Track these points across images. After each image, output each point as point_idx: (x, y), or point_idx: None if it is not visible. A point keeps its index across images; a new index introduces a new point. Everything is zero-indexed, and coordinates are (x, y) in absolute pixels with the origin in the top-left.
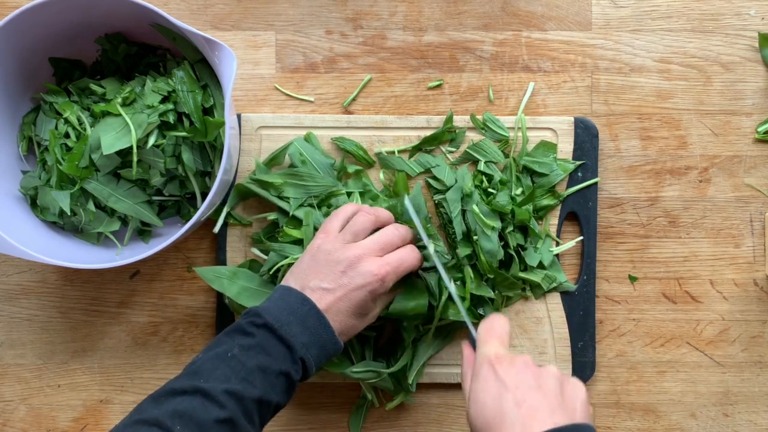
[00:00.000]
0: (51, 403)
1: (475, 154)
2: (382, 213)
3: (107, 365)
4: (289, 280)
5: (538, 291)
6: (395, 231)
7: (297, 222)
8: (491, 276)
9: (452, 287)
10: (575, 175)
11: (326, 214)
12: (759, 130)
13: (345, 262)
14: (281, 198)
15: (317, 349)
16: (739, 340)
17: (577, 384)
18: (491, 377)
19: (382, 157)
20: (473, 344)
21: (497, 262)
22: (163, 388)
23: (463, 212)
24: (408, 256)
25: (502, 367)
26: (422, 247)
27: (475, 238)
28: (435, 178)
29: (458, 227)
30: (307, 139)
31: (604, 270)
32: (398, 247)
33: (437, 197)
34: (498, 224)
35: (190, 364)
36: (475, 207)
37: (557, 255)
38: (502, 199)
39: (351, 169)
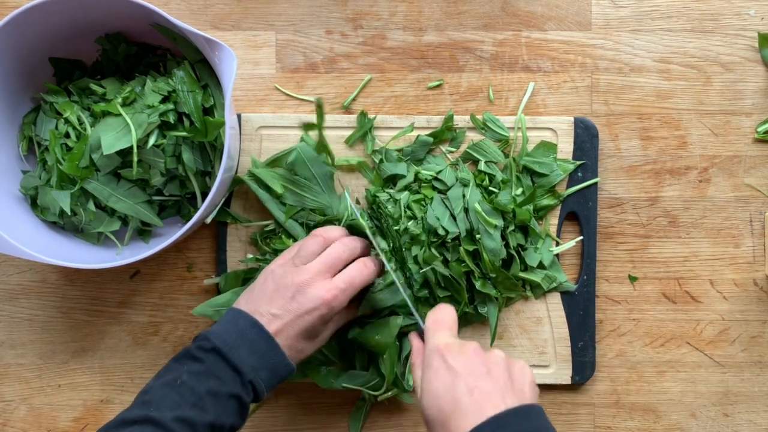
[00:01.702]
0: (51, 403)
1: (475, 154)
2: (331, 232)
3: (107, 365)
4: (241, 303)
5: (538, 291)
6: (341, 247)
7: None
8: (494, 275)
9: (395, 277)
10: (575, 175)
11: (317, 225)
12: (759, 130)
13: (293, 287)
14: (279, 199)
15: (267, 372)
16: (739, 340)
17: (523, 366)
18: (442, 366)
19: (379, 155)
20: (421, 335)
21: (500, 260)
22: (114, 419)
23: (465, 211)
24: (359, 274)
25: (451, 356)
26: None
27: (478, 237)
28: (436, 178)
29: (461, 225)
30: (304, 139)
31: (604, 270)
32: (349, 262)
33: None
34: (500, 223)
35: (140, 393)
36: (477, 205)
37: (557, 255)
38: (504, 198)
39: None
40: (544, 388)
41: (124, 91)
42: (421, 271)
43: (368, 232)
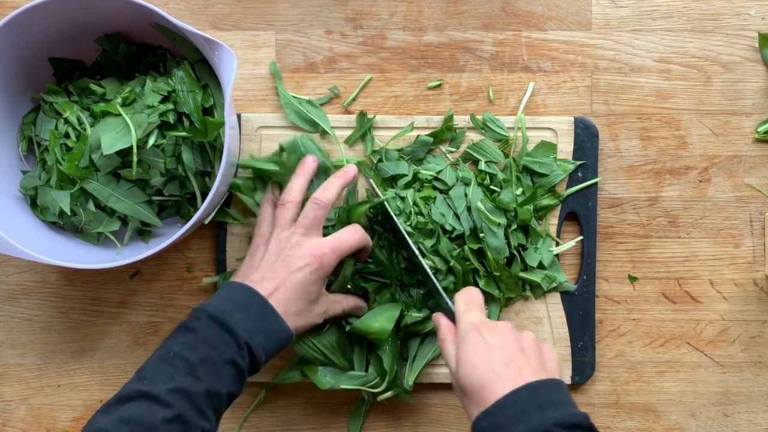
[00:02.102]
0: (51, 403)
1: (476, 154)
2: (293, 192)
3: (107, 365)
4: (234, 278)
5: (538, 291)
6: (313, 206)
7: None
8: (497, 273)
9: (423, 262)
10: (575, 175)
11: None
12: (759, 130)
13: (282, 250)
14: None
15: (264, 336)
16: (739, 340)
17: (551, 348)
18: (479, 340)
19: (378, 157)
20: (449, 315)
21: (504, 259)
22: (110, 398)
23: (468, 210)
24: (349, 236)
25: (488, 332)
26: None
27: (481, 235)
28: (437, 178)
29: (465, 223)
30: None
31: (604, 270)
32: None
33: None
34: (503, 221)
35: (137, 371)
36: (480, 204)
37: (557, 255)
38: (506, 196)
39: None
40: None
41: (124, 91)
42: (451, 258)
43: (370, 178)
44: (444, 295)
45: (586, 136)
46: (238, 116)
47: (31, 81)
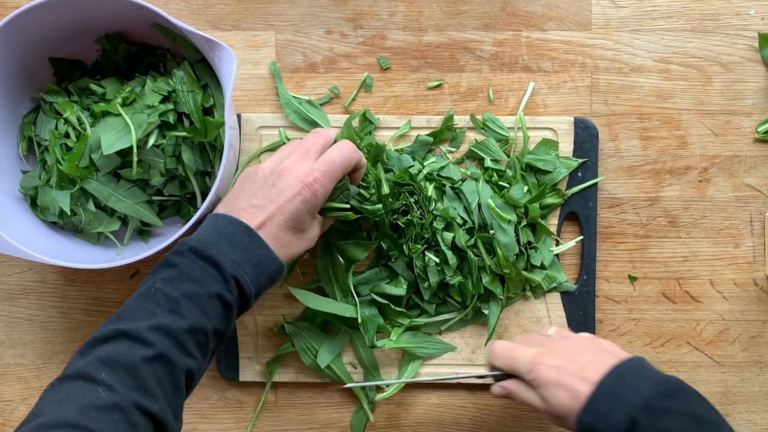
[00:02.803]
0: None
1: (480, 152)
2: (315, 134)
3: None
4: (220, 207)
5: (538, 291)
6: (314, 134)
7: None
8: (507, 271)
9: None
10: (575, 175)
11: None
12: (759, 130)
13: (273, 176)
14: None
15: (252, 267)
16: (739, 340)
17: (607, 341)
18: (546, 369)
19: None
20: (497, 378)
21: (514, 256)
22: (89, 339)
23: (477, 206)
24: (339, 153)
25: (546, 358)
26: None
27: (491, 232)
28: (440, 175)
29: (477, 218)
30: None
31: (604, 270)
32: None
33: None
34: (514, 217)
35: (117, 311)
36: (490, 200)
37: (557, 255)
38: (516, 192)
39: None
40: None
41: (124, 91)
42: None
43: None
44: (480, 375)
45: (586, 136)
46: (238, 116)
47: (31, 81)
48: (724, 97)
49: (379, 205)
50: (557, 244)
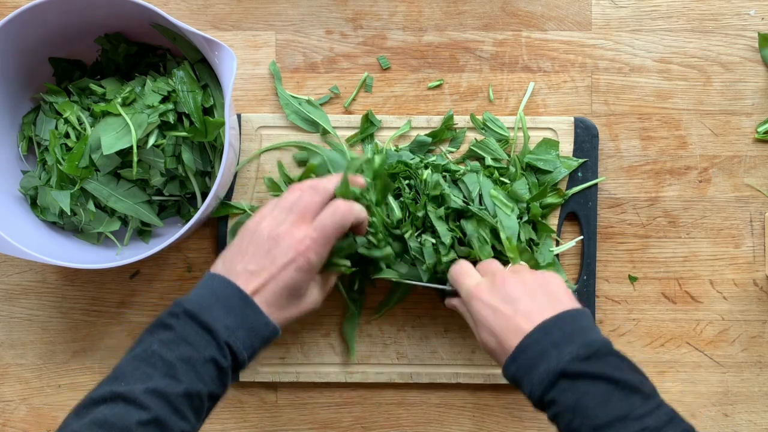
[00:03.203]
0: (51, 403)
1: (480, 151)
2: (309, 189)
3: (107, 365)
4: (218, 266)
5: None
6: (310, 192)
7: None
8: (512, 255)
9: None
10: (575, 175)
11: None
12: (759, 130)
13: (268, 241)
14: None
15: (245, 332)
16: (739, 340)
17: (555, 276)
18: (481, 305)
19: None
20: (451, 293)
21: (517, 239)
22: (83, 399)
23: (479, 198)
24: (330, 217)
25: (485, 293)
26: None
27: (495, 219)
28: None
29: (477, 207)
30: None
31: (604, 270)
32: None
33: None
34: (516, 210)
35: (112, 370)
36: (493, 191)
37: (557, 255)
38: (519, 187)
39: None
40: None
41: (124, 91)
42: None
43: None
44: (430, 285)
45: (586, 136)
46: (238, 116)
47: (31, 81)
48: (724, 97)
49: (388, 249)
50: (557, 244)
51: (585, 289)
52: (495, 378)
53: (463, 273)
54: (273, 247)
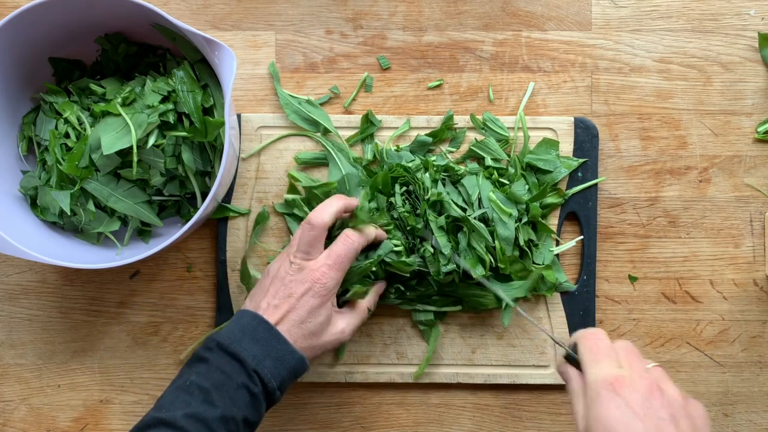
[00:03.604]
0: (51, 403)
1: (480, 151)
2: (322, 213)
3: (107, 365)
4: (246, 304)
5: (542, 288)
6: (307, 228)
7: None
8: (502, 266)
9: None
10: (575, 175)
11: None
12: (759, 130)
13: (287, 275)
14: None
15: (272, 361)
16: (739, 340)
17: (700, 408)
18: (615, 400)
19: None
20: (571, 361)
21: (511, 250)
22: (132, 428)
23: (478, 201)
24: (342, 245)
25: (625, 391)
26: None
27: (491, 227)
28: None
29: (476, 211)
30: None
31: (604, 270)
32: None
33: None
34: (515, 212)
35: (156, 401)
36: (491, 194)
37: (557, 255)
38: (518, 188)
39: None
40: (544, 388)
41: (124, 91)
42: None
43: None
44: (558, 341)
45: (586, 136)
46: (238, 116)
47: (31, 81)
48: (724, 97)
49: (413, 258)
50: (557, 244)
51: (585, 289)
52: (495, 378)
53: (599, 351)
54: (290, 282)
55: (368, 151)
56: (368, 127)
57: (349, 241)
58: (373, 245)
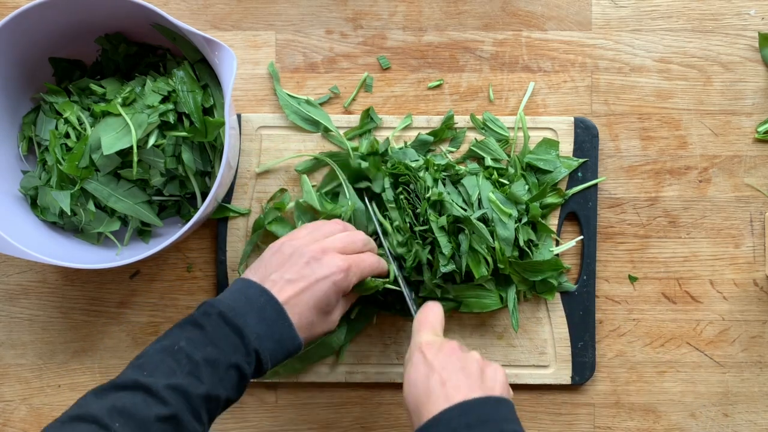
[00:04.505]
0: (51, 403)
1: (480, 152)
2: (356, 232)
3: (107, 365)
4: (249, 274)
5: (541, 287)
6: (360, 235)
7: None
8: (501, 266)
9: (406, 290)
10: (575, 175)
11: None
12: (759, 130)
13: (309, 254)
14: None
15: (273, 344)
16: (739, 340)
17: (497, 368)
18: (421, 361)
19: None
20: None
21: (510, 251)
22: (107, 383)
23: (478, 201)
24: (369, 259)
25: (430, 352)
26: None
27: (491, 227)
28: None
29: (476, 212)
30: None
31: (604, 270)
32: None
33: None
34: (515, 212)
35: (136, 357)
36: (491, 194)
37: (557, 255)
38: (518, 189)
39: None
40: (544, 388)
41: (124, 91)
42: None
43: (379, 230)
44: (412, 308)
45: (586, 136)
46: (238, 116)
47: (31, 81)
48: (724, 97)
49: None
50: (557, 244)
51: (585, 289)
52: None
53: (425, 322)
54: (313, 262)
55: (364, 144)
56: (368, 122)
57: (377, 262)
58: None
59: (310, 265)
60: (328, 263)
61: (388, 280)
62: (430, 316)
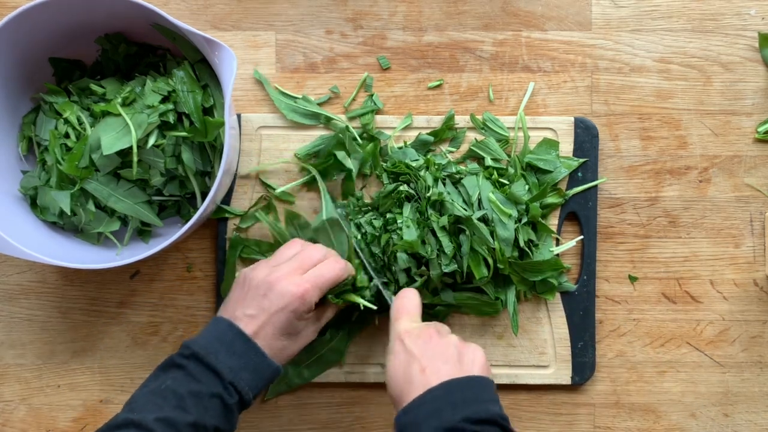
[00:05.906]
0: (51, 403)
1: (480, 152)
2: (311, 247)
3: (107, 365)
4: (221, 310)
5: (541, 287)
6: (315, 248)
7: None
8: (501, 266)
9: (386, 293)
10: (575, 175)
11: None
12: (759, 130)
13: (265, 285)
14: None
15: (249, 373)
16: (739, 340)
17: (476, 349)
18: (401, 350)
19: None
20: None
21: (510, 251)
22: (101, 426)
23: (478, 201)
24: (328, 270)
25: (410, 340)
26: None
27: (491, 226)
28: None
29: (476, 212)
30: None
31: (604, 270)
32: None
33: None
34: (515, 212)
35: (126, 403)
36: (491, 195)
37: (557, 255)
38: (518, 189)
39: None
40: (544, 388)
41: (124, 91)
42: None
43: (362, 256)
44: (390, 301)
45: (586, 136)
46: (238, 116)
47: (31, 81)
48: (724, 97)
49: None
50: (557, 243)
51: (585, 289)
52: (495, 378)
53: (402, 310)
54: (269, 292)
55: (367, 119)
56: (369, 104)
57: (337, 266)
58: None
59: (267, 297)
60: (282, 293)
61: (360, 293)
62: (406, 302)
